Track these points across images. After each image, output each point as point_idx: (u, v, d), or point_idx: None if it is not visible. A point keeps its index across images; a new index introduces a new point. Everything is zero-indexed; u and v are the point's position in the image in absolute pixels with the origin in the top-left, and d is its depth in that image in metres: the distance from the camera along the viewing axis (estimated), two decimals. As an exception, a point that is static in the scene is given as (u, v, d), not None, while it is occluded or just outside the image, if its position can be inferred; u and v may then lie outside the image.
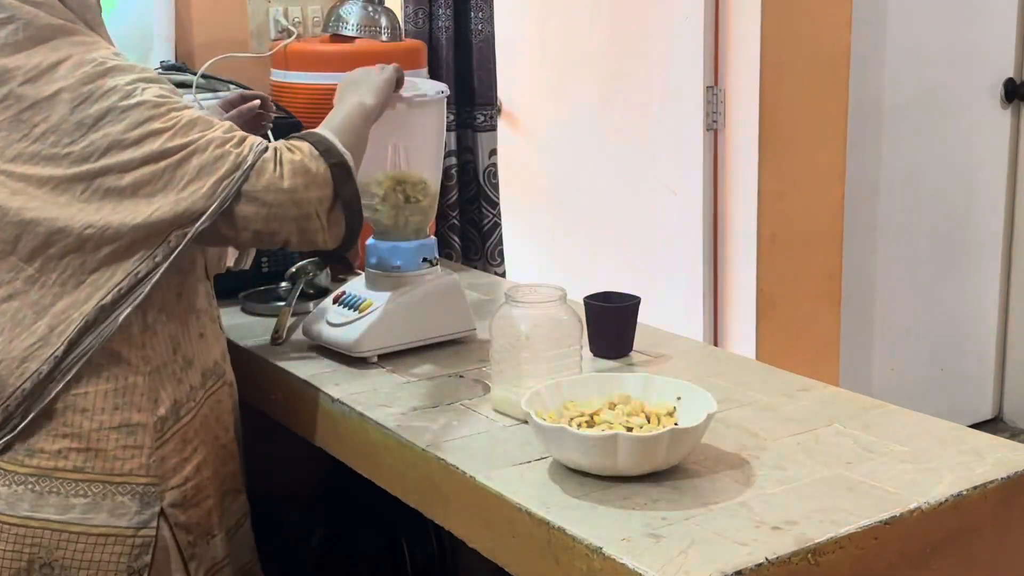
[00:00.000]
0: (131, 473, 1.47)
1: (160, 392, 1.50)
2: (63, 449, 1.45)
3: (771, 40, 2.92)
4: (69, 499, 1.45)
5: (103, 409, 1.46)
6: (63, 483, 1.45)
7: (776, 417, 1.50)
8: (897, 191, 3.46)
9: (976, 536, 1.30)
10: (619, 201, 3.35)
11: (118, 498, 1.47)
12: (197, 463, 1.54)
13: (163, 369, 1.50)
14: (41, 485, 1.45)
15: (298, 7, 2.41)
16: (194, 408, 1.55)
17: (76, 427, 1.45)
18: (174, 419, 1.51)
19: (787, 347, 3.09)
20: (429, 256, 1.82)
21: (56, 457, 1.45)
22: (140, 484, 1.48)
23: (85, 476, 1.45)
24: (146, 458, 1.48)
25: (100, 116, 1.41)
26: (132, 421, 1.47)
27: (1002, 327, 3.78)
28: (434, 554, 2.02)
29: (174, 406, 1.51)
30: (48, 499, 1.45)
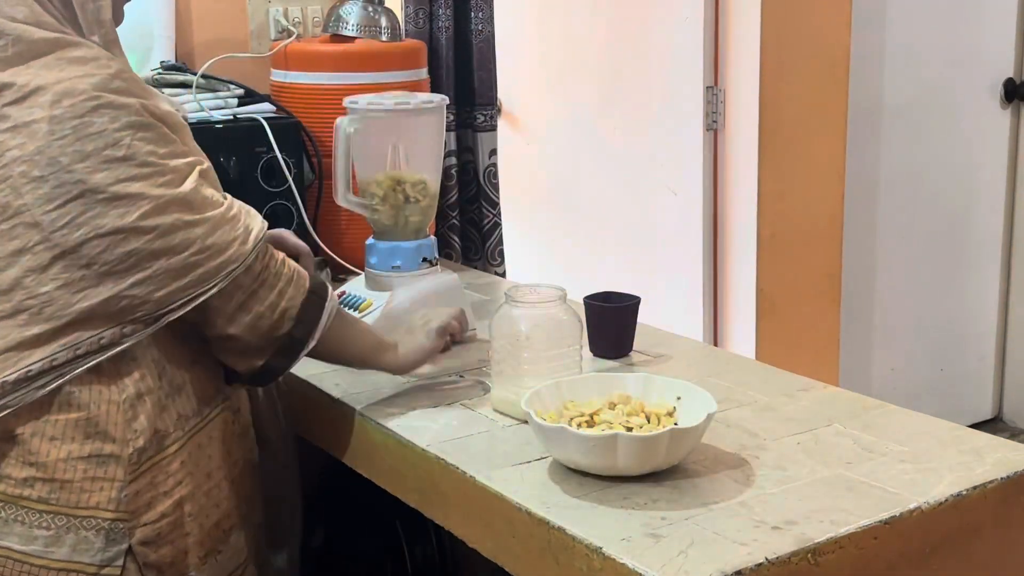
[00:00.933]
0: (97, 507, 1.36)
1: (138, 421, 1.37)
2: (29, 478, 1.34)
3: (771, 40, 2.93)
4: (32, 530, 1.35)
5: (72, 438, 1.35)
6: (28, 512, 1.35)
7: (776, 417, 1.50)
8: (897, 191, 3.46)
9: (976, 536, 1.30)
10: (619, 201, 3.36)
11: (82, 532, 1.36)
12: (178, 498, 1.42)
13: (145, 396, 1.38)
14: (7, 512, 1.35)
15: (298, 7, 2.41)
16: (182, 438, 1.42)
17: (43, 455, 1.34)
18: (155, 450, 1.39)
19: (787, 347, 3.09)
20: (429, 256, 1.82)
21: (22, 485, 1.34)
22: (107, 520, 1.36)
23: (49, 507, 1.35)
24: (116, 492, 1.36)
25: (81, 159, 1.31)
26: (103, 452, 1.36)
27: (1002, 327, 3.78)
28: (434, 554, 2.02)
29: (156, 436, 1.39)
30: (13, 527, 1.35)
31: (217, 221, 1.38)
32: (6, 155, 1.31)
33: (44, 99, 1.31)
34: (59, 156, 1.31)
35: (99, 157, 1.31)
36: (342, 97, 1.83)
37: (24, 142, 1.31)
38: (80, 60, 1.35)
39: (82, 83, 1.33)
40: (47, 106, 1.31)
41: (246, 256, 1.39)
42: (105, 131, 1.32)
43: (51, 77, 1.32)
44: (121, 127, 1.33)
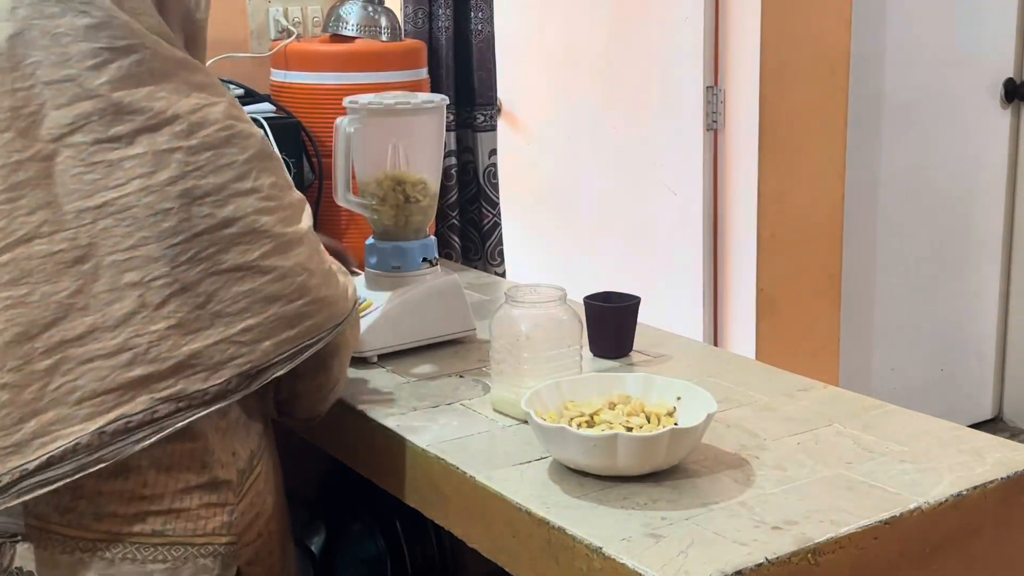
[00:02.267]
0: (214, 533, 1.33)
1: (238, 443, 1.36)
2: (140, 512, 1.28)
3: (771, 40, 2.93)
4: (146, 565, 1.29)
5: (188, 467, 1.30)
6: (139, 548, 1.29)
7: (776, 417, 1.50)
8: (897, 191, 3.46)
9: (976, 536, 1.30)
10: (619, 201, 3.36)
11: (200, 561, 1.32)
12: (268, 516, 1.42)
13: (241, 419, 1.38)
14: (112, 551, 1.29)
15: (298, 7, 2.41)
16: (261, 455, 1.42)
17: (159, 487, 1.29)
18: (249, 470, 1.38)
19: (787, 347, 3.09)
20: (429, 256, 1.82)
21: (132, 520, 1.28)
22: (222, 544, 1.34)
23: (164, 540, 1.30)
24: (228, 516, 1.34)
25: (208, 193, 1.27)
26: (218, 478, 1.32)
27: (1002, 327, 3.78)
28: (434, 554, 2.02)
29: (250, 457, 1.39)
30: (122, 567, 1.29)
31: (327, 273, 1.36)
32: (131, 183, 1.25)
33: (180, 128, 1.27)
34: (192, 189, 1.26)
35: (229, 190, 1.28)
36: (342, 97, 1.83)
37: (153, 171, 1.25)
38: (201, 86, 1.32)
39: (213, 112, 1.29)
40: (183, 136, 1.27)
41: (349, 312, 1.38)
42: (235, 162, 1.29)
43: (184, 105, 1.28)
44: (249, 158, 1.30)
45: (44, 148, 1.26)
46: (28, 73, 1.26)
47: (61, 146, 1.25)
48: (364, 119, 1.77)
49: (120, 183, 1.25)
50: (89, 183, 1.25)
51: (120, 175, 1.25)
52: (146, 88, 1.27)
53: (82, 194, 1.25)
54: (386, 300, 1.78)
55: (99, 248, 1.25)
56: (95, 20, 1.26)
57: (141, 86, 1.27)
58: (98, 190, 1.25)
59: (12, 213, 1.25)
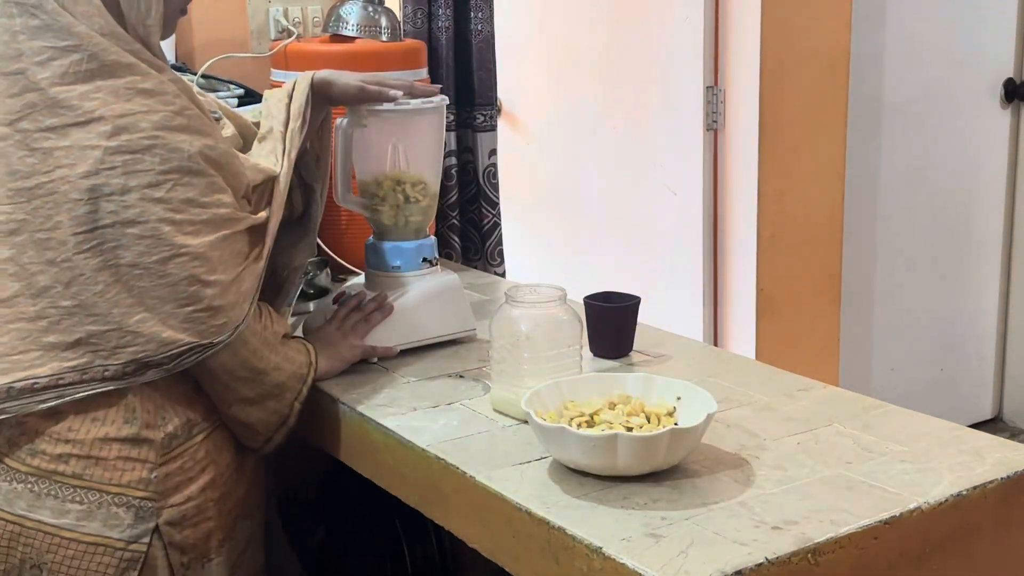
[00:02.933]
0: (129, 485, 1.45)
1: (171, 410, 1.48)
2: (64, 454, 1.43)
3: (771, 40, 2.93)
4: (65, 504, 1.43)
5: (113, 420, 1.44)
6: (61, 487, 1.43)
7: (776, 417, 1.50)
8: (897, 191, 3.46)
9: (976, 536, 1.30)
10: (619, 201, 3.36)
11: (112, 509, 1.44)
12: (203, 484, 1.51)
13: (176, 387, 1.49)
14: (40, 486, 1.43)
15: (298, 7, 2.41)
16: (207, 429, 1.53)
17: (82, 434, 1.43)
18: (185, 437, 1.49)
19: (787, 347, 3.09)
20: (429, 256, 1.82)
21: (57, 460, 1.43)
22: (137, 498, 1.45)
23: (83, 483, 1.44)
24: (147, 472, 1.46)
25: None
26: (140, 436, 1.45)
27: (1002, 327, 3.78)
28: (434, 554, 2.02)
29: (187, 424, 1.50)
30: (45, 501, 1.43)
31: (226, 285, 1.45)
32: (56, 171, 1.39)
33: (104, 128, 1.39)
34: (102, 185, 1.39)
35: (137, 194, 1.40)
36: (342, 97, 1.82)
37: (75, 163, 1.39)
38: (147, 92, 1.43)
39: (144, 120, 1.41)
40: (105, 136, 1.39)
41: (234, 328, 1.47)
42: (151, 171, 1.40)
43: (117, 108, 1.40)
44: (168, 170, 1.42)
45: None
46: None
47: (12, 130, 1.41)
48: (364, 119, 1.77)
49: (49, 170, 1.40)
50: (28, 166, 1.41)
51: (50, 162, 1.40)
52: (82, 87, 1.40)
53: (22, 175, 1.41)
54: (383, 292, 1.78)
55: (29, 224, 1.40)
56: (42, 22, 1.40)
57: (77, 84, 1.40)
58: (33, 173, 1.40)
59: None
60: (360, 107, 1.76)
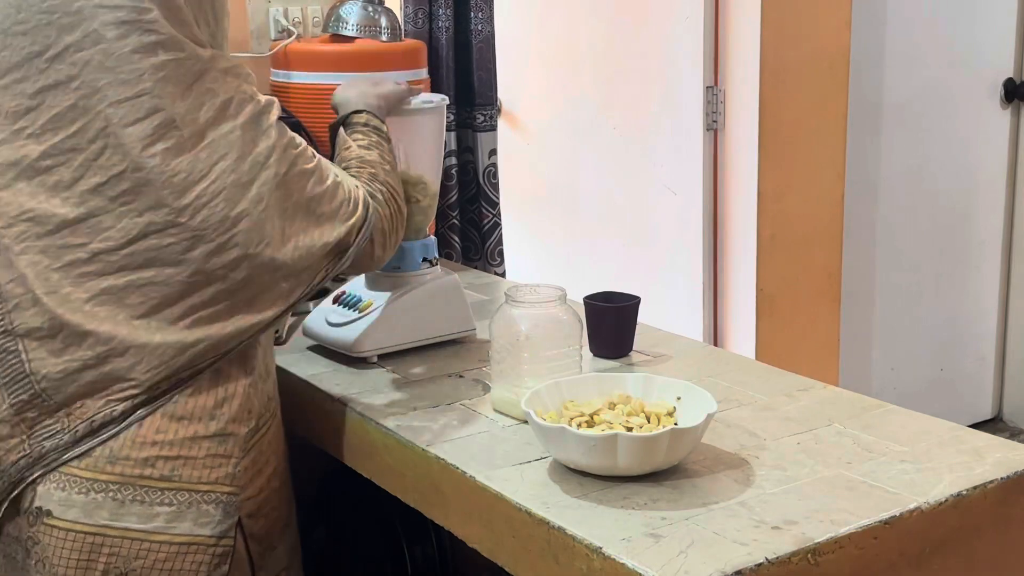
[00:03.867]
0: (217, 482, 1.44)
1: (253, 403, 1.48)
2: (150, 457, 1.40)
3: (771, 40, 2.93)
4: (153, 507, 1.41)
5: (200, 419, 1.43)
6: (148, 491, 1.41)
7: (776, 417, 1.50)
8: (897, 191, 3.46)
9: (976, 536, 1.30)
10: (619, 201, 3.36)
11: (203, 507, 1.43)
12: (269, 473, 1.53)
13: (257, 382, 1.50)
14: (123, 493, 1.40)
15: (298, 7, 2.41)
16: (270, 419, 1.54)
17: (170, 435, 1.41)
18: (255, 430, 1.49)
19: (787, 347, 3.09)
20: (429, 256, 1.82)
21: (143, 465, 1.40)
22: (224, 493, 1.45)
23: (172, 484, 1.41)
24: (232, 468, 1.45)
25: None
26: (227, 431, 1.45)
27: (1002, 327, 3.78)
28: (434, 554, 2.02)
29: (260, 417, 1.50)
30: (131, 507, 1.40)
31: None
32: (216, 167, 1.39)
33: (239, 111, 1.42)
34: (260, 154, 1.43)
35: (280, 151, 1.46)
36: (342, 97, 1.82)
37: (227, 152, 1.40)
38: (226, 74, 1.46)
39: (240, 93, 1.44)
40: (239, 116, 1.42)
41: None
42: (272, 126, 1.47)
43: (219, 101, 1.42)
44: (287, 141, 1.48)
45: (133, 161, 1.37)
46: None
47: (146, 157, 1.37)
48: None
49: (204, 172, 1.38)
50: (180, 182, 1.37)
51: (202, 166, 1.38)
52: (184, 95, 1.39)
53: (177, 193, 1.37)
54: (386, 300, 1.78)
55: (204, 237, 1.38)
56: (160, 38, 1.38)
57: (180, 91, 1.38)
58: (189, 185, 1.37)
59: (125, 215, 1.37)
60: None
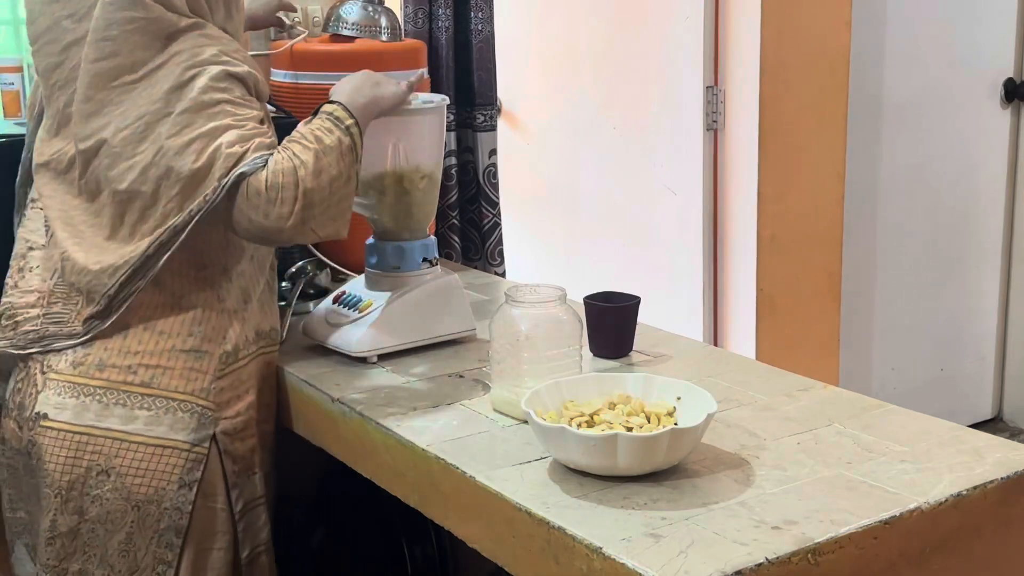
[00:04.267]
0: (193, 394, 1.61)
1: (228, 331, 1.65)
2: (134, 365, 1.59)
3: (771, 40, 2.92)
4: (134, 411, 1.58)
5: (179, 333, 1.61)
6: (130, 396, 1.59)
7: (776, 417, 1.50)
8: (897, 191, 3.46)
9: (976, 536, 1.30)
10: (619, 201, 3.36)
11: (179, 414, 1.60)
12: (247, 402, 1.67)
13: (234, 314, 1.66)
14: (108, 397, 1.58)
15: (298, 7, 2.41)
16: (248, 357, 1.68)
17: (151, 345, 1.60)
18: (234, 358, 1.65)
19: (787, 347, 3.09)
20: (429, 256, 1.82)
21: (126, 372, 1.59)
22: (199, 405, 1.61)
23: (151, 391, 1.59)
24: (208, 383, 1.62)
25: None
26: (202, 348, 1.62)
27: (1002, 327, 3.78)
28: (434, 554, 2.02)
29: (235, 347, 1.66)
30: (114, 410, 1.58)
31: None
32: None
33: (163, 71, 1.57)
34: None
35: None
36: (342, 97, 1.82)
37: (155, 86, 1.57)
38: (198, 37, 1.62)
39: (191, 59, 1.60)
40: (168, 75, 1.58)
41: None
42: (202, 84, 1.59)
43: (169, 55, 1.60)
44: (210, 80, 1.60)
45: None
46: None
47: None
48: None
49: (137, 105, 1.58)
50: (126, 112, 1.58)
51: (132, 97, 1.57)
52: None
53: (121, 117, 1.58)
54: (386, 300, 1.78)
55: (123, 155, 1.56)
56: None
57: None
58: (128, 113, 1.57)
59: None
60: None
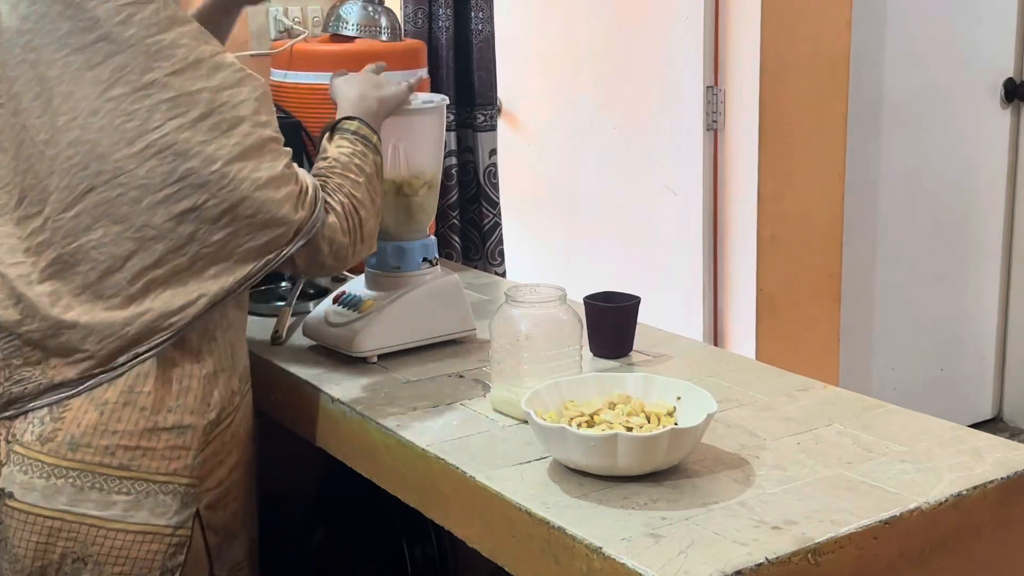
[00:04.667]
0: (175, 473, 1.47)
1: (212, 396, 1.50)
2: (112, 446, 1.44)
3: (771, 40, 2.92)
4: (111, 495, 1.44)
5: (159, 410, 1.45)
6: (107, 479, 1.44)
7: (776, 417, 1.50)
8: (897, 191, 3.46)
9: (976, 536, 1.30)
10: (619, 201, 3.36)
11: (160, 497, 1.46)
12: (231, 465, 1.55)
13: (218, 375, 1.51)
14: (82, 480, 1.43)
15: (298, 7, 2.41)
16: (233, 412, 1.55)
17: (130, 424, 1.44)
18: (218, 423, 1.51)
19: (787, 347, 3.09)
20: (429, 256, 1.82)
21: (103, 453, 1.43)
22: (182, 484, 1.48)
23: (130, 474, 1.44)
24: (191, 459, 1.48)
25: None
26: (184, 423, 1.47)
27: (1002, 327, 3.78)
28: (434, 554, 2.02)
29: (220, 410, 1.52)
30: (89, 494, 1.44)
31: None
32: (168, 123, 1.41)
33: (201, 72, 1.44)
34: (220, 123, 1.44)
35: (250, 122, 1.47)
36: (342, 97, 1.82)
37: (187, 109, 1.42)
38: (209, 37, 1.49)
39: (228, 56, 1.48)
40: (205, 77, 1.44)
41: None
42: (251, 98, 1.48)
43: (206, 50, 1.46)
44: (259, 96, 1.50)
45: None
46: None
47: (103, 102, 1.41)
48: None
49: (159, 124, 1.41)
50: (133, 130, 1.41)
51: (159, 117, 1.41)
52: (168, 35, 1.42)
53: (126, 141, 1.40)
54: (386, 300, 1.78)
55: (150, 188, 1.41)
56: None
57: (162, 33, 1.42)
58: (140, 135, 1.40)
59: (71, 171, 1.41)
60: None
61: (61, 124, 1.42)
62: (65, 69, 1.41)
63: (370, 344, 1.75)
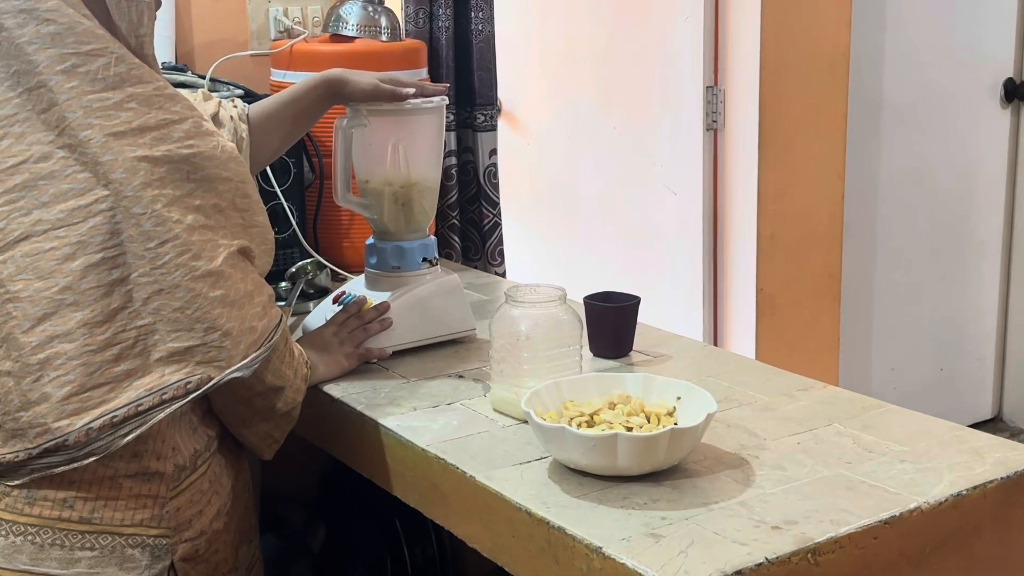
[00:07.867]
0: (143, 524, 1.34)
1: (176, 440, 1.38)
2: (68, 497, 1.31)
3: (771, 40, 2.93)
4: (74, 552, 1.31)
5: (121, 456, 1.32)
6: (68, 535, 1.31)
7: (776, 417, 1.50)
8: (897, 191, 3.46)
9: (976, 536, 1.30)
10: (619, 201, 3.36)
11: (128, 551, 1.33)
12: (211, 515, 1.43)
13: (184, 417, 1.39)
14: (42, 536, 1.31)
15: (298, 7, 2.41)
16: (209, 457, 1.44)
17: (89, 473, 1.31)
18: (191, 468, 1.40)
19: (787, 347, 3.09)
20: (429, 256, 1.82)
21: (61, 506, 1.31)
22: (152, 536, 1.35)
23: (92, 528, 1.32)
24: (159, 508, 1.36)
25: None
26: (149, 469, 1.35)
27: (1002, 327, 3.78)
28: (434, 554, 2.02)
29: (193, 454, 1.40)
30: (51, 552, 1.31)
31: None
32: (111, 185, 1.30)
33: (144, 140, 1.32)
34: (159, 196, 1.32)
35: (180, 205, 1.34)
36: (342, 97, 1.82)
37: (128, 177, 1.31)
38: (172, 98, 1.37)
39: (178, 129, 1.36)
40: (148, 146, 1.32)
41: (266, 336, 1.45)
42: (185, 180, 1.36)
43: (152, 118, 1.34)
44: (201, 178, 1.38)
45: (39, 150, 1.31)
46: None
47: (54, 148, 1.30)
48: (364, 119, 1.77)
49: (106, 183, 1.30)
50: (81, 182, 1.30)
51: (103, 174, 1.30)
52: (114, 94, 1.31)
53: (75, 193, 1.30)
54: (386, 300, 1.78)
55: (87, 247, 1.29)
56: (58, 27, 1.30)
57: (108, 91, 1.31)
58: (90, 188, 1.30)
59: (10, 215, 1.30)
60: (361, 106, 1.75)
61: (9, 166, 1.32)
62: (20, 108, 1.31)
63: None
